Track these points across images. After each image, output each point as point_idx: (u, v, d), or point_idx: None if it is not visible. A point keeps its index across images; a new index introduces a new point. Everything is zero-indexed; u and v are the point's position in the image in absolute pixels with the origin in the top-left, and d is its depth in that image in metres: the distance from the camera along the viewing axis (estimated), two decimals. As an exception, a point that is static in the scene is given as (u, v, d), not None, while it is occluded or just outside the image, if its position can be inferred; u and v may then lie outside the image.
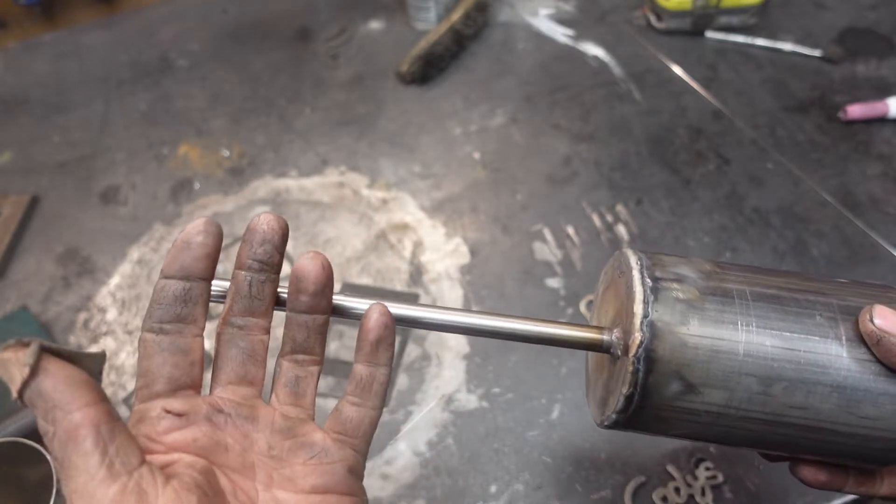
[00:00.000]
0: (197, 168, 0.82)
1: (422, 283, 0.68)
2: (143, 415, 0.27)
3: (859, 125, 0.78)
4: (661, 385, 0.27)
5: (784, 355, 0.27)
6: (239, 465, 0.28)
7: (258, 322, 0.30)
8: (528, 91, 0.87)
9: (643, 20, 0.94)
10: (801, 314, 0.28)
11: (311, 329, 0.30)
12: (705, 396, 0.27)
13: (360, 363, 0.31)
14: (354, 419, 0.30)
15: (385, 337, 0.30)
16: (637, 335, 0.27)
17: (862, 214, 0.70)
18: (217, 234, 0.28)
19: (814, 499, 0.53)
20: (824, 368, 0.27)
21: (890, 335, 0.27)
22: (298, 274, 0.29)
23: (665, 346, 0.27)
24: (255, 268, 0.29)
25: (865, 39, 0.88)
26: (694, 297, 0.28)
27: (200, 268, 0.28)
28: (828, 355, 0.27)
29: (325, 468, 0.29)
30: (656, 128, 0.81)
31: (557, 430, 0.58)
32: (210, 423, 0.28)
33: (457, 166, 0.79)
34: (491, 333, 0.31)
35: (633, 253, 0.30)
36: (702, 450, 0.56)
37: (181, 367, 0.28)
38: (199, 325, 0.28)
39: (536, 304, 0.65)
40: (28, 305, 0.70)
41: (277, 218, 0.29)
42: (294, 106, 0.88)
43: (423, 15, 0.94)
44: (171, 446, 0.26)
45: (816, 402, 0.27)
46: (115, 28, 1.03)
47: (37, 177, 0.83)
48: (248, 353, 0.30)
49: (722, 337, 0.27)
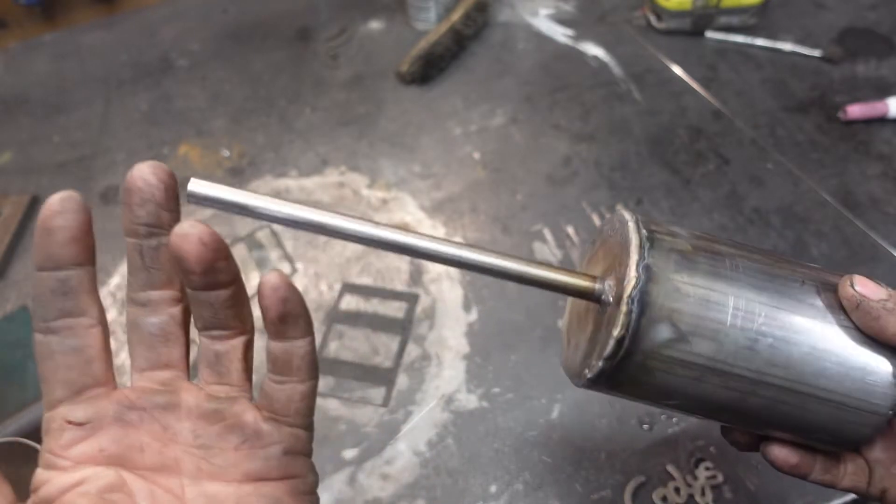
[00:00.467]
0: (197, 168, 0.82)
1: (422, 283, 0.68)
2: (47, 426, 0.25)
3: (859, 125, 0.78)
4: (651, 330, 0.27)
5: (770, 313, 0.28)
6: (158, 463, 0.26)
7: (163, 294, 0.26)
8: (528, 91, 0.87)
9: (643, 20, 0.94)
10: (787, 278, 0.29)
11: (215, 306, 0.26)
12: (693, 346, 0.27)
13: (271, 340, 0.27)
14: (281, 397, 0.27)
15: (288, 311, 0.25)
16: (633, 275, 0.27)
17: (862, 214, 0.70)
18: (78, 210, 0.24)
19: (814, 499, 0.53)
20: (807, 331, 0.28)
21: (869, 299, 0.27)
22: (176, 255, 0.24)
23: (659, 290, 0.27)
24: (141, 233, 0.25)
25: (865, 39, 0.88)
26: (687, 249, 0.29)
27: (71, 253, 0.24)
28: (811, 319, 0.28)
29: (257, 452, 0.27)
30: (656, 128, 0.81)
31: (557, 430, 0.58)
32: (120, 423, 0.26)
33: (457, 166, 0.79)
34: (478, 268, 0.28)
35: (627, 210, 0.31)
36: (702, 449, 0.56)
37: (77, 368, 0.25)
38: (91, 315, 0.26)
39: (536, 304, 0.65)
40: (28, 305, 0.70)
41: (155, 168, 0.24)
42: (294, 106, 0.88)
43: (423, 15, 0.94)
44: (76, 460, 0.25)
45: (797, 363, 0.28)
46: (115, 28, 1.03)
47: (37, 177, 0.83)
48: (157, 332, 0.27)
49: (713, 288, 0.28)
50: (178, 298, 0.27)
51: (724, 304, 0.28)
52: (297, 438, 0.28)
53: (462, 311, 0.66)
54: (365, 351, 0.64)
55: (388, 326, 0.65)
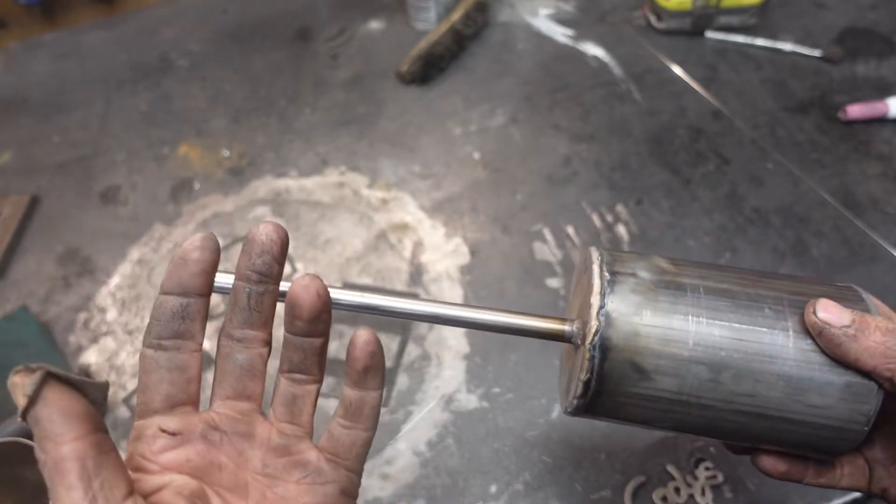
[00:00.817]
0: (197, 168, 0.82)
1: (422, 283, 0.68)
2: (140, 432, 0.27)
3: (859, 125, 0.78)
4: (616, 372, 0.29)
5: (732, 345, 0.28)
6: (232, 483, 0.28)
7: (257, 334, 0.30)
8: (528, 91, 0.87)
9: (643, 20, 0.94)
10: (750, 307, 0.29)
11: (307, 351, 0.30)
12: (658, 383, 0.29)
13: (350, 387, 0.30)
14: (346, 442, 0.30)
15: (373, 365, 0.30)
16: (593, 324, 0.29)
17: (862, 214, 0.70)
18: (214, 250, 0.28)
19: (814, 499, 0.53)
20: (771, 358, 0.28)
21: (832, 326, 0.28)
22: (293, 300, 0.28)
23: (619, 335, 0.28)
24: (253, 279, 0.29)
25: (865, 39, 0.88)
26: (648, 289, 0.29)
27: (198, 284, 0.28)
28: (774, 345, 0.28)
29: (318, 488, 0.29)
30: (656, 128, 0.81)
31: (557, 430, 0.58)
32: (205, 441, 0.28)
33: (457, 166, 0.79)
34: (456, 322, 0.32)
35: (596, 250, 0.32)
36: (702, 450, 0.56)
37: (178, 385, 0.28)
38: (197, 341, 0.29)
39: (536, 304, 0.65)
40: (28, 305, 0.70)
41: (277, 228, 0.29)
42: (294, 106, 0.88)
43: (423, 15, 0.94)
44: (164, 466, 0.27)
45: (764, 390, 0.28)
46: (115, 28, 1.03)
47: (37, 177, 0.83)
48: (246, 367, 0.30)
49: (673, 327, 0.29)
50: (267, 341, 0.30)
51: (683, 340, 0.28)
52: (352, 482, 0.31)
53: (462, 311, 0.66)
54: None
55: (388, 326, 0.65)
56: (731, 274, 0.31)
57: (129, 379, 0.64)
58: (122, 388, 0.64)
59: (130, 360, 0.65)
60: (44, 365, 0.22)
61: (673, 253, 0.68)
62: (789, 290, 0.30)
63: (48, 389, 0.22)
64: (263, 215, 0.76)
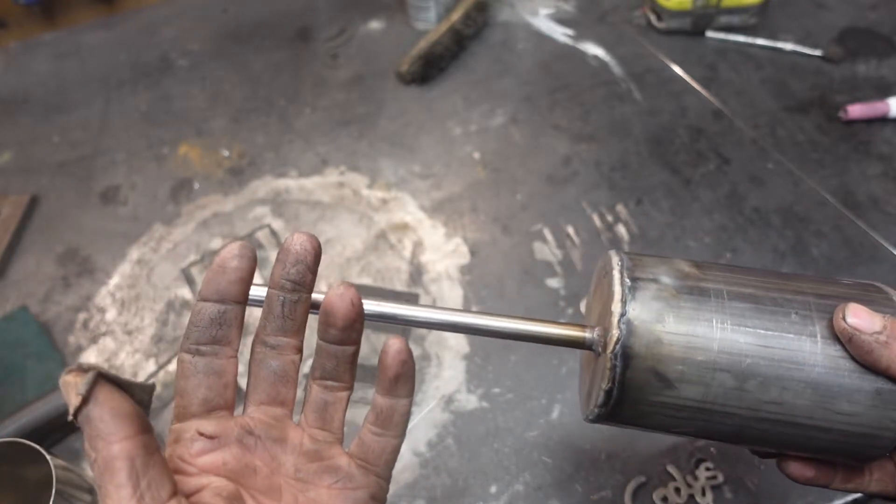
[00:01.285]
0: (197, 168, 0.82)
1: (422, 283, 0.68)
2: (178, 435, 0.28)
3: (859, 125, 0.78)
4: (638, 380, 0.28)
5: (758, 352, 0.28)
6: (266, 487, 0.29)
7: (290, 342, 0.30)
8: (528, 91, 0.87)
9: (643, 20, 0.94)
10: (776, 312, 0.29)
11: (339, 359, 0.31)
12: (681, 391, 0.28)
13: (381, 395, 0.31)
14: (376, 448, 0.31)
15: (404, 373, 0.30)
16: (614, 332, 0.28)
17: (862, 214, 0.70)
18: (252, 258, 0.29)
19: (814, 499, 0.52)
20: (798, 365, 0.28)
21: (862, 332, 0.27)
22: (328, 309, 0.29)
23: (641, 343, 0.28)
24: (287, 287, 0.29)
25: (865, 39, 0.88)
26: (670, 295, 0.29)
27: (235, 291, 0.28)
28: (801, 352, 0.28)
29: (348, 493, 0.30)
30: (656, 128, 0.81)
31: (557, 430, 0.58)
32: (241, 445, 0.29)
33: (457, 166, 0.79)
34: (476, 331, 0.32)
35: (616, 254, 0.31)
36: (702, 450, 0.56)
37: (215, 389, 0.29)
38: (234, 347, 0.29)
39: (536, 304, 0.65)
40: (28, 305, 0.69)
41: (310, 238, 0.29)
42: (294, 106, 0.88)
43: (423, 15, 0.94)
44: (202, 468, 0.28)
45: (791, 397, 0.28)
46: (115, 28, 1.03)
47: (37, 177, 0.83)
48: (279, 373, 0.30)
49: (697, 334, 0.28)
50: (300, 348, 0.31)
51: (708, 348, 0.28)
52: (381, 488, 0.32)
53: (462, 311, 0.66)
54: (365, 351, 0.64)
55: (388, 326, 0.65)
56: (755, 277, 0.30)
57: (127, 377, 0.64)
58: (122, 388, 0.63)
59: (130, 360, 0.65)
60: (95, 365, 0.23)
61: (673, 253, 0.68)
62: (815, 292, 0.30)
63: (99, 389, 0.23)
64: (263, 215, 0.76)
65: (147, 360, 0.65)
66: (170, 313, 0.68)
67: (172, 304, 0.69)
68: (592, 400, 0.30)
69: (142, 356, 0.66)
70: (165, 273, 0.72)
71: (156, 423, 0.61)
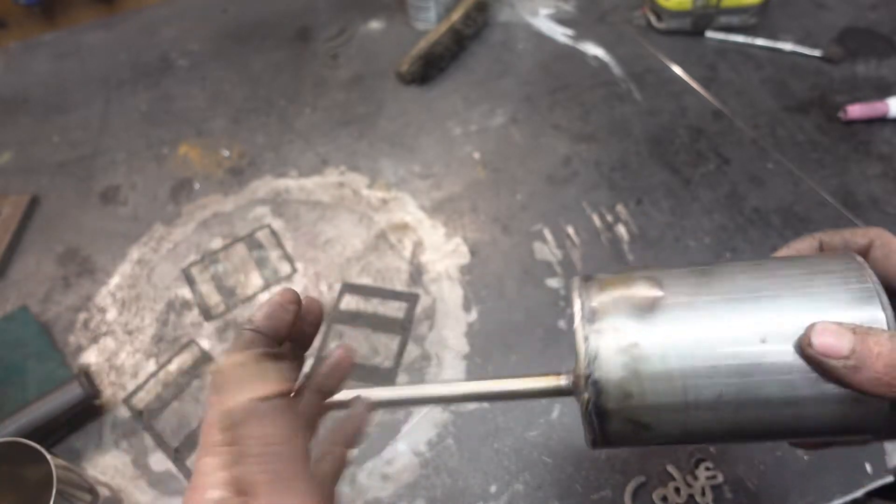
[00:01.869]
0: (197, 168, 0.82)
1: (422, 284, 0.68)
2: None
3: (859, 125, 0.78)
4: (617, 430, 0.29)
5: (728, 380, 0.27)
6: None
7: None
8: (528, 91, 0.87)
9: (643, 20, 0.94)
10: (746, 340, 0.28)
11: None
12: (660, 430, 0.29)
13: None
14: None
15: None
16: (585, 396, 0.29)
17: (862, 214, 0.70)
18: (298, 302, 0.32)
19: (814, 499, 0.53)
20: (773, 383, 0.27)
21: (829, 358, 0.26)
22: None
23: (612, 400, 0.28)
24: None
25: (865, 39, 0.88)
26: (631, 344, 0.28)
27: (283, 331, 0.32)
28: (775, 369, 0.27)
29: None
30: (656, 128, 0.81)
31: (557, 430, 0.58)
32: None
33: (457, 166, 0.79)
34: (455, 399, 0.34)
35: (578, 293, 0.31)
36: (701, 450, 0.56)
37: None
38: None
39: (536, 304, 0.65)
40: (28, 305, 0.70)
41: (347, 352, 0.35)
42: (294, 106, 0.88)
43: (423, 15, 0.94)
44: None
45: (769, 416, 0.28)
46: (115, 28, 1.03)
47: (37, 177, 0.83)
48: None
49: (662, 377, 0.28)
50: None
51: (676, 390, 0.28)
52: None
53: (462, 311, 0.66)
54: (365, 351, 0.64)
55: (388, 326, 0.65)
56: (722, 283, 0.29)
57: (128, 379, 0.64)
58: (122, 388, 0.64)
59: (130, 360, 0.65)
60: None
61: (673, 253, 0.69)
62: (791, 292, 0.28)
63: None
64: (263, 215, 0.76)
65: (147, 359, 0.65)
66: (170, 313, 0.68)
67: (173, 304, 0.69)
68: (585, 433, 0.31)
69: (142, 356, 0.66)
70: (166, 273, 0.72)
71: (156, 423, 0.61)
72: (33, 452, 0.48)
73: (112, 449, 0.60)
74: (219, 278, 0.71)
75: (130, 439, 0.60)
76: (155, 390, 0.63)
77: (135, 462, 0.59)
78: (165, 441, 0.60)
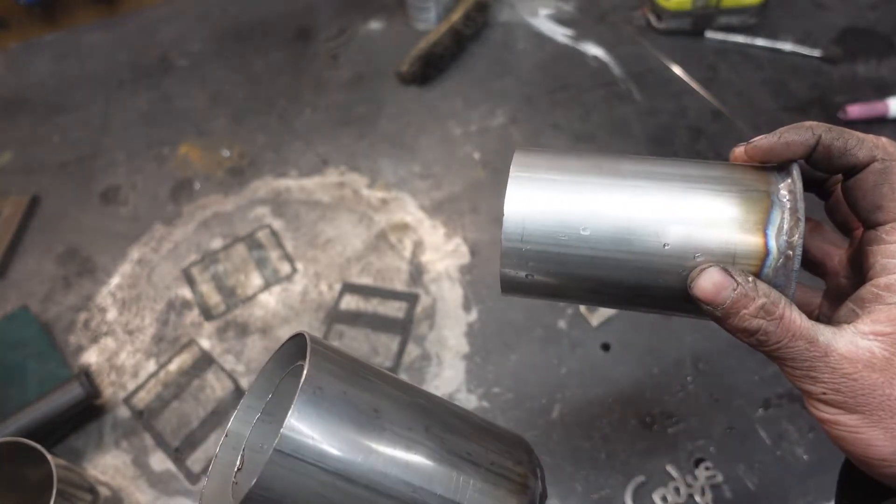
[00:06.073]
0: (197, 168, 0.82)
1: (422, 283, 0.68)
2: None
3: (859, 125, 0.78)
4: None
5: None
6: None
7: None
8: (528, 91, 0.87)
9: (643, 20, 0.94)
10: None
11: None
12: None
13: None
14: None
15: None
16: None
17: (862, 214, 0.70)
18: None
19: (814, 498, 0.53)
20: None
21: (705, 304, 0.27)
22: None
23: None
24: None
25: (865, 39, 0.88)
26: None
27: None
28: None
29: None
30: (656, 128, 0.81)
31: (557, 430, 0.58)
32: None
33: (457, 166, 0.79)
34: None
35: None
36: (701, 449, 0.56)
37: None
38: None
39: (536, 304, 0.65)
40: (28, 305, 0.70)
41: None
42: (294, 106, 0.88)
43: (423, 15, 0.94)
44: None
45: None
46: (115, 28, 1.03)
47: (37, 177, 0.83)
48: None
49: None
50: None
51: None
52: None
53: (462, 311, 0.66)
54: (365, 351, 0.64)
55: (388, 326, 0.65)
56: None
57: (129, 379, 0.64)
58: (122, 388, 0.64)
59: (130, 359, 0.65)
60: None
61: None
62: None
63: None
64: (263, 215, 0.76)
65: (148, 359, 0.65)
66: (170, 313, 0.68)
67: (173, 303, 0.69)
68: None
69: (142, 356, 0.66)
70: (166, 273, 0.72)
71: (156, 423, 0.61)
72: (34, 452, 0.48)
73: (112, 449, 0.60)
74: (219, 278, 0.71)
75: (130, 439, 0.60)
76: (155, 390, 0.63)
77: (135, 462, 0.59)
78: (165, 441, 0.60)
